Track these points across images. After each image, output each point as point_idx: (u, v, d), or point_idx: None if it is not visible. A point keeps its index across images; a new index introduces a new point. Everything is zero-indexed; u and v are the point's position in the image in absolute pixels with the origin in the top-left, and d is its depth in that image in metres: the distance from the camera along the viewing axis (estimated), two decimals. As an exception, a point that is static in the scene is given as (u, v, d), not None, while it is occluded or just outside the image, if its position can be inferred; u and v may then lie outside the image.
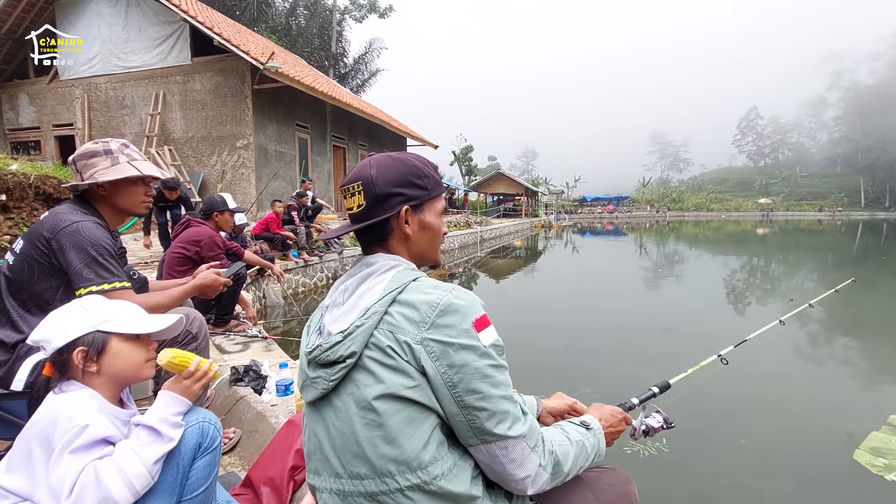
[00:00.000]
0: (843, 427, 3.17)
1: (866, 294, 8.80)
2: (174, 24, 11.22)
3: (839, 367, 5.06)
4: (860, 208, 62.45)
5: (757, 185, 73.11)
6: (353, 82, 30.59)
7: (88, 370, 1.02)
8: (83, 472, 0.89)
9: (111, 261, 1.46)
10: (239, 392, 2.30)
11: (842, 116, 77.85)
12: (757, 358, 4.75)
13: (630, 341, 5.71)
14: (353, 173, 0.93)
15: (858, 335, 6.10)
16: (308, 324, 0.98)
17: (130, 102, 11.89)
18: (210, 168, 11.32)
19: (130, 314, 1.11)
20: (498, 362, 0.83)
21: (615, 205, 58.88)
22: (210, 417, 1.13)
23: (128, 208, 1.60)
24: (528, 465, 0.83)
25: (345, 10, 29.72)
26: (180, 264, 3.14)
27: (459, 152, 44.38)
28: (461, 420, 0.81)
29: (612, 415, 1.10)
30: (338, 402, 0.83)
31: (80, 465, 0.90)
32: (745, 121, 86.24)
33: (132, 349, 1.07)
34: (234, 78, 11.01)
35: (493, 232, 21.45)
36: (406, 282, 0.84)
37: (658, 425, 1.22)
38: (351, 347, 0.80)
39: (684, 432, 3.04)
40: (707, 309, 7.67)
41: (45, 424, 0.94)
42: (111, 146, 1.54)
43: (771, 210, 57.53)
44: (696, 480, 2.75)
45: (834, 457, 2.87)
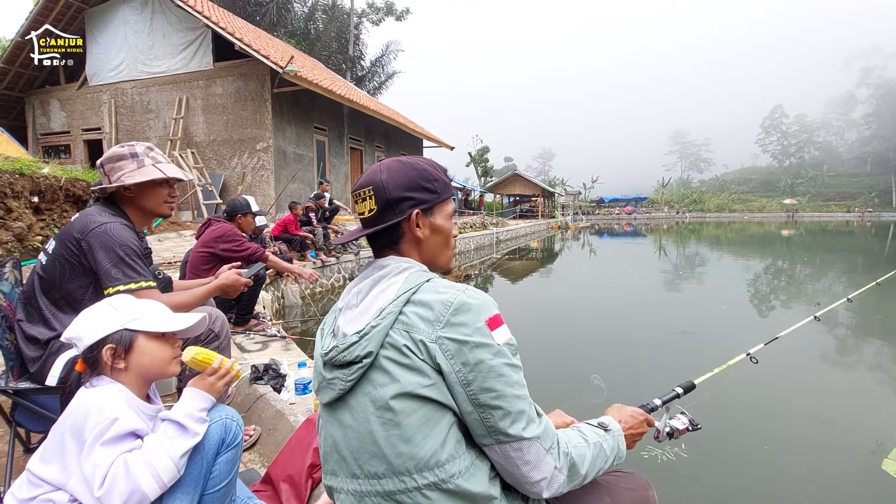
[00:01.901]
0: (873, 435, 3.07)
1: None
2: (197, 30, 11.50)
3: (872, 371, 4.89)
4: (892, 209, 60.15)
5: (782, 185, 71.07)
6: (370, 85, 30.84)
7: (117, 366, 1.06)
8: (113, 465, 0.93)
9: (138, 261, 1.51)
10: (259, 390, 2.34)
11: (872, 114, 75.17)
12: (789, 357, 4.65)
13: (651, 344, 5.62)
14: (363, 178, 0.94)
15: (892, 339, 5.89)
16: (321, 326, 0.99)
17: (155, 107, 12.21)
18: (231, 171, 11.55)
19: (157, 313, 1.15)
20: (512, 361, 0.83)
21: (633, 206, 58.04)
22: (233, 414, 1.16)
23: (153, 209, 1.65)
24: (544, 468, 0.82)
25: (362, 13, 30.02)
26: (204, 263, 3.21)
27: (476, 153, 44.34)
28: (476, 419, 0.81)
29: (632, 416, 1.08)
30: (354, 402, 0.84)
31: (111, 458, 0.93)
32: (770, 119, 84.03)
33: (158, 347, 1.11)
34: (255, 82, 11.21)
35: (509, 233, 21.36)
36: (419, 282, 0.85)
37: (683, 427, 1.19)
38: (367, 347, 0.81)
39: (706, 437, 2.98)
40: (731, 311, 7.50)
41: (77, 417, 0.98)
42: (137, 150, 1.58)
43: (796, 211, 55.92)
44: (716, 488, 2.69)
45: (861, 466, 2.77)
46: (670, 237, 26.06)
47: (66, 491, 0.96)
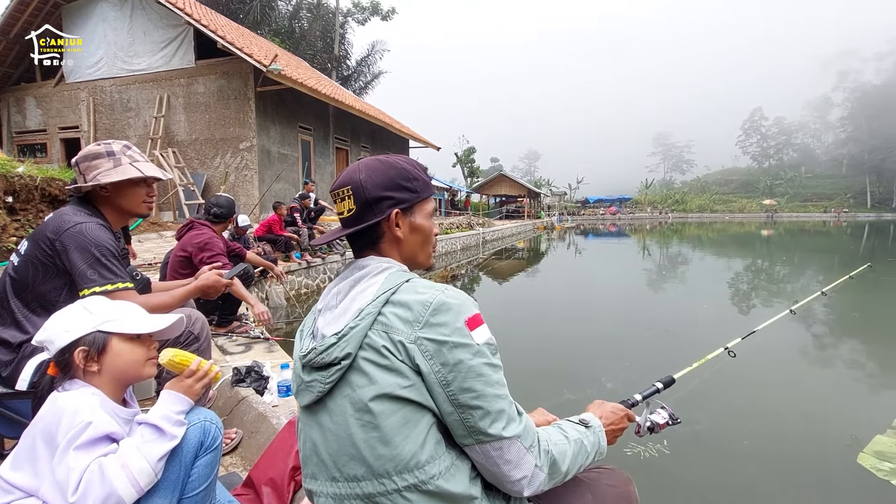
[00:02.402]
0: (848, 429, 3.15)
1: (878, 290, 8.74)
2: (178, 27, 11.31)
3: (846, 366, 5.03)
4: (866, 209, 61.96)
5: (761, 186, 72.67)
6: (356, 84, 30.68)
7: (89, 369, 1.04)
8: (88, 469, 0.91)
9: (114, 262, 1.48)
10: (241, 393, 2.31)
11: (847, 117, 77.24)
12: (766, 351, 4.78)
13: (634, 342, 5.70)
14: (342, 178, 0.94)
15: (866, 334, 6.06)
16: (301, 328, 0.97)
17: (135, 105, 11.97)
18: (213, 170, 11.38)
19: (131, 314, 1.12)
20: (492, 361, 0.82)
21: (618, 206, 58.80)
22: (212, 417, 1.15)
23: (130, 209, 1.62)
24: (524, 466, 0.82)
25: (347, 12, 29.84)
26: (184, 266, 3.15)
27: (462, 154, 44.43)
28: (456, 419, 0.80)
29: (612, 412, 1.09)
30: (333, 405, 0.83)
31: (85, 462, 0.91)
32: (749, 122, 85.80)
33: (133, 349, 1.09)
34: (238, 80, 11.07)
35: (495, 234, 21.44)
36: (399, 283, 0.85)
37: (663, 421, 1.20)
38: (346, 349, 0.81)
39: (687, 433, 3.04)
40: (711, 308, 7.65)
41: (49, 421, 0.95)
42: (113, 148, 1.55)
43: (775, 211, 57.23)
44: (697, 483, 2.73)
45: (837, 460, 2.85)
46: (653, 237, 26.44)
47: (38, 497, 0.94)
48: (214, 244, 3.19)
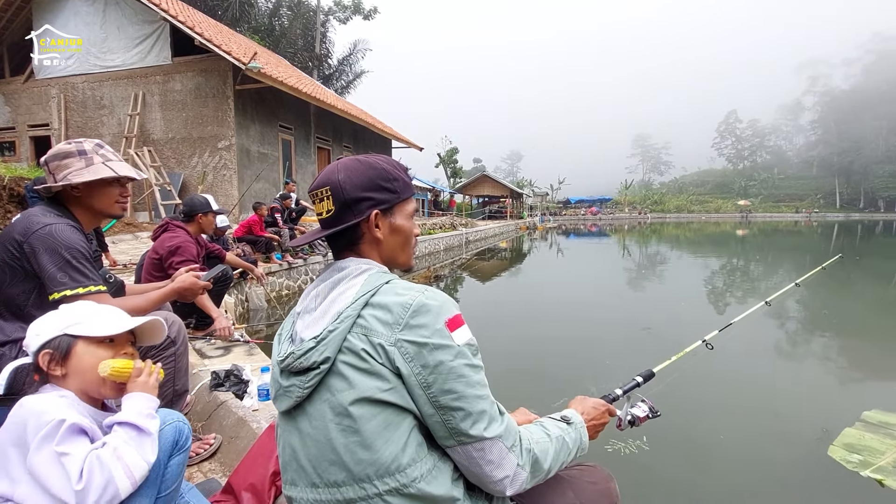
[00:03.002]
0: (819, 422, 3.25)
1: (846, 286, 9.06)
2: (154, 23, 11.03)
3: (817, 360, 5.21)
4: (835, 210, 64.29)
5: (736, 187, 74.75)
6: (338, 84, 30.43)
7: (53, 373, 1.02)
8: (87, 460, 0.89)
9: (86, 264, 1.43)
10: (219, 397, 2.26)
11: (818, 120, 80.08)
12: (742, 343, 4.95)
13: (615, 338, 5.79)
14: (320, 178, 0.92)
15: (835, 329, 6.27)
16: (279, 331, 0.96)
17: (109, 103, 11.64)
18: (191, 170, 11.14)
19: (100, 317, 1.09)
20: (472, 362, 0.82)
21: (598, 207, 59.67)
22: (182, 418, 1.16)
23: (103, 210, 1.57)
24: (506, 466, 0.82)
25: (329, 11, 29.57)
26: (158, 269, 3.07)
27: (445, 154, 44.46)
28: (437, 421, 0.80)
29: (594, 408, 1.10)
30: (312, 409, 0.82)
31: (82, 451, 0.90)
32: (725, 124, 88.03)
33: (102, 352, 1.05)
34: (216, 78, 10.86)
35: (478, 234, 21.51)
36: (378, 284, 0.84)
37: (644, 415, 1.22)
38: (325, 353, 0.79)
39: (664, 429, 3.10)
40: (689, 305, 7.82)
41: (17, 424, 0.93)
42: (85, 146, 1.50)
43: (749, 212, 58.85)
44: (675, 478, 2.78)
45: (810, 453, 2.93)
46: (633, 237, 26.90)
47: (14, 501, 0.91)
48: (187, 248, 3.06)
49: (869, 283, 10.36)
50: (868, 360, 5.21)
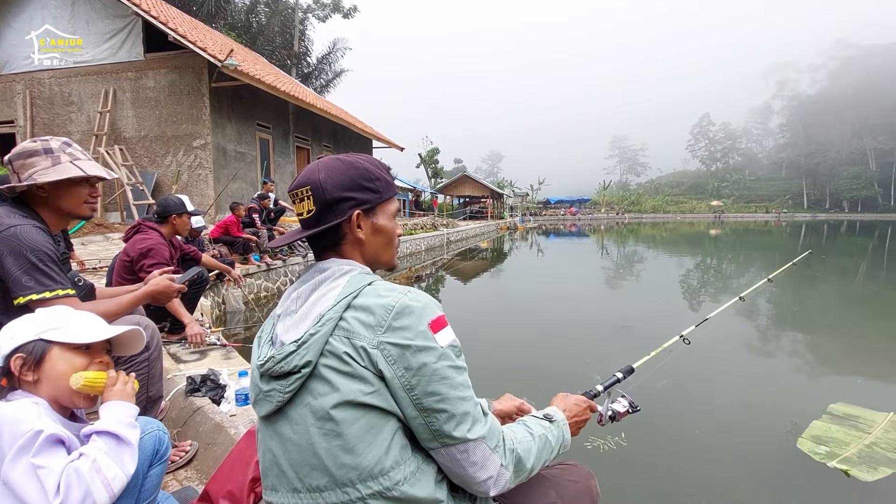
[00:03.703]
0: (788, 416, 3.36)
1: (813, 283, 9.40)
2: (125, 17, 10.71)
3: (787, 354, 5.39)
4: (803, 210, 66.77)
5: (709, 188, 76.90)
6: (317, 82, 30.09)
7: (24, 378, 0.98)
8: (64, 473, 0.86)
9: (53, 267, 1.38)
10: (195, 403, 2.21)
11: (786, 124, 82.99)
12: (717, 337, 5.13)
13: (596, 335, 5.87)
14: (300, 177, 0.90)
15: (804, 324, 6.49)
16: (259, 334, 0.94)
17: (78, 99, 11.25)
18: (164, 169, 10.86)
19: (79, 323, 1.06)
20: (456, 363, 0.82)
21: (578, 207, 60.57)
22: (162, 427, 1.15)
23: (71, 211, 1.51)
24: (490, 467, 0.82)
25: (307, 8, 29.22)
26: (129, 271, 2.97)
27: (426, 154, 44.44)
28: (420, 423, 0.80)
29: (576, 404, 1.11)
30: (293, 413, 0.81)
31: (59, 463, 0.87)
32: (699, 127, 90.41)
33: (77, 360, 1.02)
34: (191, 75, 10.61)
35: (459, 234, 21.55)
36: (360, 286, 0.83)
37: (624, 410, 1.24)
38: (306, 357, 0.78)
39: (643, 425, 3.16)
40: (667, 303, 8.00)
41: None
42: (51, 145, 1.45)
43: (722, 212, 60.58)
44: (653, 473, 2.84)
45: (780, 445, 3.03)
46: (611, 237, 27.37)
47: None
48: (159, 251, 2.97)
49: (835, 281, 10.77)
50: (834, 355, 5.42)
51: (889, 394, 3.96)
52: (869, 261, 14.78)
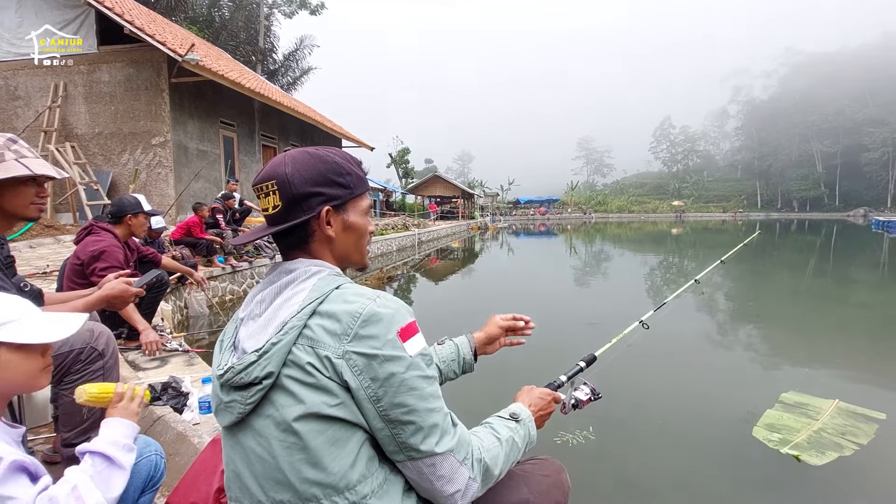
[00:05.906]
0: (743, 405, 3.53)
1: (762, 265, 9.88)
2: (77, 8, 10.16)
3: (741, 345, 5.68)
4: (757, 209, 70.31)
5: (671, 188, 79.95)
6: (284, 80, 29.44)
7: None
8: (36, 501, 0.78)
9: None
10: (156, 412, 2.12)
11: (741, 127, 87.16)
12: (674, 322, 5.41)
13: (562, 329, 5.99)
14: (266, 170, 0.85)
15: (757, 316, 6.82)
16: (220, 338, 0.89)
17: (24, 93, 10.60)
18: (121, 167, 10.37)
19: (28, 319, 0.98)
20: (426, 373, 0.79)
21: (547, 207, 61.64)
22: (160, 450, 1.09)
23: (17, 212, 1.42)
24: (458, 480, 0.80)
25: (273, 3, 28.55)
26: (80, 275, 2.81)
27: (396, 154, 44.20)
28: (387, 435, 0.77)
29: (540, 398, 1.11)
30: (256, 425, 0.77)
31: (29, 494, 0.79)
32: (660, 129, 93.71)
33: (25, 359, 0.94)
34: (149, 70, 10.17)
35: (430, 234, 21.55)
36: (327, 291, 0.79)
37: (586, 398, 1.26)
38: (267, 367, 0.74)
39: (608, 419, 3.26)
40: (630, 294, 8.28)
41: None
42: (-5, 142, 1.36)
43: (683, 212, 63.06)
44: (619, 464, 2.93)
45: (736, 434, 3.18)
46: (580, 236, 28.00)
47: None
48: (112, 253, 2.80)
49: (786, 275, 11.37)
50: (785, 345, 5.72)
51: (833, 381, 4.22)
52: (817, 257, 15.69)
